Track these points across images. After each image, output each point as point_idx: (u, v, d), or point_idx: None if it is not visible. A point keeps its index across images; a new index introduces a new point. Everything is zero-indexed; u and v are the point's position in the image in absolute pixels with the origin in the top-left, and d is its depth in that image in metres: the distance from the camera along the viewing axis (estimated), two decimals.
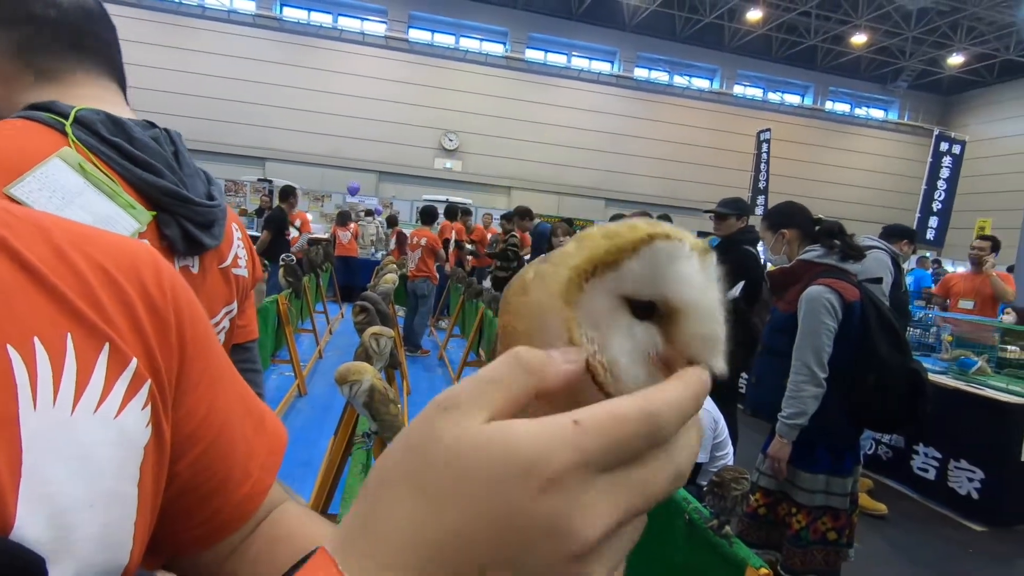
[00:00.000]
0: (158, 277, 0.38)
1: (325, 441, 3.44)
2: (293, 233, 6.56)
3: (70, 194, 0.60)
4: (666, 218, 5.02)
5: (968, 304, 4.64)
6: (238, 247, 0.87)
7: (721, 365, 0.27)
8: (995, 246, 4.51)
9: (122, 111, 0.72)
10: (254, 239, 6.28)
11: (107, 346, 0.33)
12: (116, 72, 0.76)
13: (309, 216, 10.02)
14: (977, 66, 17.92)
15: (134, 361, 0.34)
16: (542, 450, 0.19)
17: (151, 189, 0.67)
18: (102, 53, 0.73)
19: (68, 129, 0.63)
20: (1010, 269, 5.01)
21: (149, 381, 0.35)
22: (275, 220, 5.89)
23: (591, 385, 0.23)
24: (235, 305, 0.86)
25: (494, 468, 0.19)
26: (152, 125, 0.75)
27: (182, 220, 0.71)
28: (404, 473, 0.21)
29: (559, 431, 0.20)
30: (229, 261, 0.84)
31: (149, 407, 0.35)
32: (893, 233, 3.60)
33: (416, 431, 0.21)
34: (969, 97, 19.61)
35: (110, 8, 0.76)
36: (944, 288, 4.94)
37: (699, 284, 0.28)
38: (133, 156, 0.67)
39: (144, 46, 14.17)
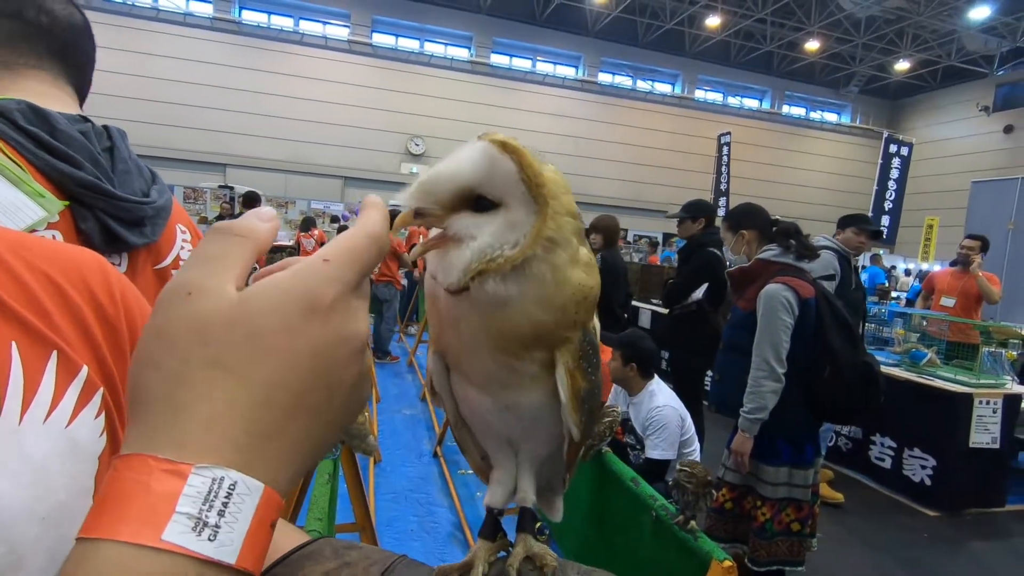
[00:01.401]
0: (107, 284, 0.37)
1: None
2: None
3: None
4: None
5: (950, 301, 4.64)
6: (181, 248, 0.84)
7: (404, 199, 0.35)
8: (984, 246, 4.53)
9: (60, 106, 0.72)
10: None
11: (55, 354, 0.32)
12: (80, 83, 0.78)
13: None
14: (922, 71, 18.80)
15: (85, 369, 0.33)
16: (313, 289, 0.24)
17: (65, 180, 0.66)
18: (78, 67, 0.76)
19: None
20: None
21: (102, 389, 0.34)
22: None
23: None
24: None
25: (283, 316, 0.23)
26: (86, 120, 0.74)
27: (101, 214, 0.69)
28: (191, 362, 0.23)
29: (318, 271, 0.25)
30: (168, 262, 0.81)
31: (103, 416, 0.34)
32: (840, 224, 3.46)
33: (171, 325, 0.23)
34: (915, 101, 20.54)
35: None
36: (929, 285, 4.99)
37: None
38: (51, 147, 0.65)
39: (98, 49, 13.62)
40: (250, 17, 15.55)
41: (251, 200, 5.94)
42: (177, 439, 0.22)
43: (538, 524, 0.45)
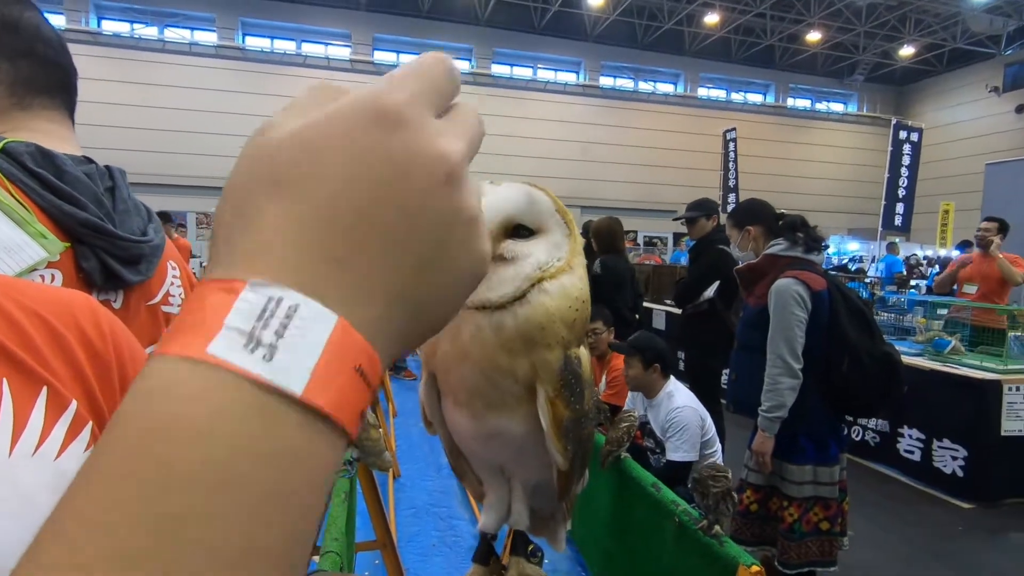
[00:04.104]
0: (96, 322, 0.39)
1: None
2: None
3: None
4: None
5: (972, 289, 4.53)
6: (171, 284, 0.86)
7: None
8: (1002, 227, 4.43)
9: (66, 146, 0.74)
10: None
11: (45, 389, 0.33)
12: (73, 107, 0.81)
13: None
14: (927, 56, 18.56)
15: (74, 403, 0.34)
16: (374, 94, 0.21)
17: (70, 220, 0.68)
18: (70, 89, 0.79)
19: None
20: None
21: (91, 423, 0.35)
22: None
23: None
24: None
25: (342, 125, 0.21)
26: (90, 161, 0.76)
27: (101, 253, 0.70)
28: (253, 187, 0.21)
29: (379, 82, 0.22)
30: (158, 298, 0.83)
31: (92, 449, 0.34)
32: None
33: (240, 161, 0.22)
34: (922, 86, 20.27)
35: (69, 47, 0.80)
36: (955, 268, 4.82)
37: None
38: (57, 188, 0.67)
39: (106, 83, 13.97)
40: (253, 43, 15.84)
41: None
42: (235, 261, 0.20)
43: (531, 547, 0.46)
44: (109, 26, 14.70)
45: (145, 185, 13.24)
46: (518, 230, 0.42)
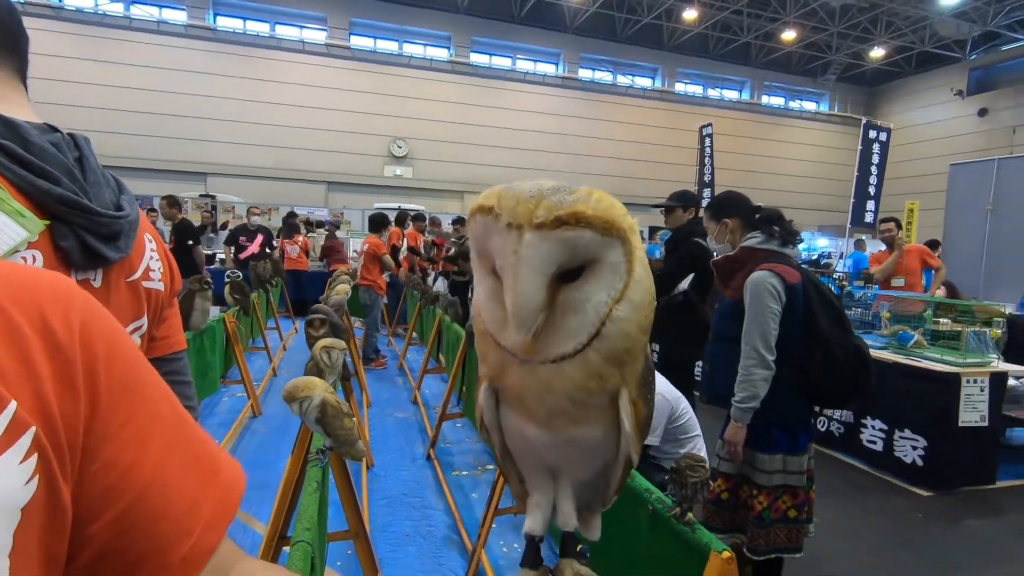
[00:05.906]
0: (66, 312, 0.35)
1: (282, 462, 3.31)
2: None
3: None
4: None
5: (900, 281, 5.14)
6: (151, 258, 0.81)
7: (510, 338, 0.37)
8: (898, 224, 5.36)
9: (24, 113, 0.68)
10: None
11: None
12: (23, 69, 0.72)
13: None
14: (897, 58, 19.04)
15: (12, 405, 0.30)
16: None
17: (45, 197, 0.62)
18: (18, 51, 0.70)
19: None
20: (931, 244, 5.76)
21: (34, 428, 0.31)
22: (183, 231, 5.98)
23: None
24: (144, 320, 0.80)
25: None
26: (54, 129, 0.70)
27: (80, 231, 0.65)
28: None
29: None
30: (139, 274, 0.78)
31: (34, 458, 0.30)
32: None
33: None
34: (892, 87, 20.81)
35: (29, 21, 0.73)
36: (877, 267, 5.59)
37: (507, 257, 0.36)
38: (27, 162, 0.61)
39: (69, 60, 13.41)
40: (225, 23, 15.36)
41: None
42: None
43: (579, 547, 0.46)
44: (72, 0, 14.09)
45: (111, 168, 12.76)
46: (566, 274, 0.37)
